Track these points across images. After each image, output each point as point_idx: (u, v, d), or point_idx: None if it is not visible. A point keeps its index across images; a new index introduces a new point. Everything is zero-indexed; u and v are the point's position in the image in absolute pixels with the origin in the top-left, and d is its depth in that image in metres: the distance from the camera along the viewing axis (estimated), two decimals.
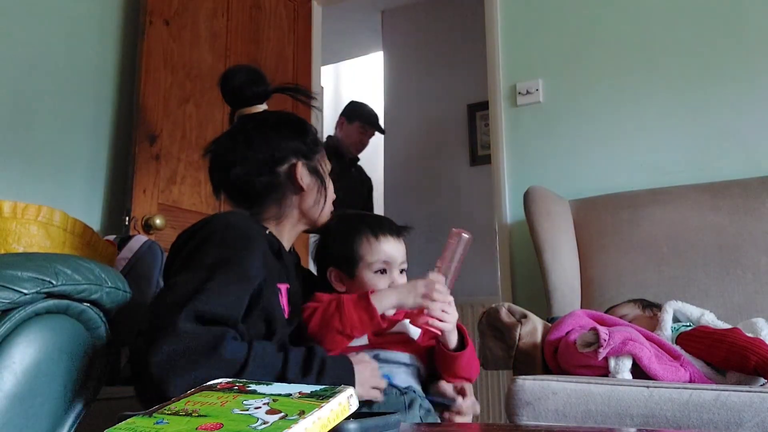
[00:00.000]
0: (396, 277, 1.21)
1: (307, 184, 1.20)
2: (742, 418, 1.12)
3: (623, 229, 1.99)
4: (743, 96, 2.14)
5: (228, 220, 1.09)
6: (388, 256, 1.20)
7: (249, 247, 1.05)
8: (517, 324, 1.55)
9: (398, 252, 1.22)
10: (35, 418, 0.74)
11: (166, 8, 2.31)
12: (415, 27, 4.08)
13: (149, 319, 0.93)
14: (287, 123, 1.24)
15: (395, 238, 1.22)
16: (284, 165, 1.19)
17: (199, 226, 1.10)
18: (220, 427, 0.54)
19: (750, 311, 1.71)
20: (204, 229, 1.08)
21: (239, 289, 0.99)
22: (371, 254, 1.20)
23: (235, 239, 1.05)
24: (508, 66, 2.52)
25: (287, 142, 1.20)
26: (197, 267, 0.99)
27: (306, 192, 1.20)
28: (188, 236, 1.10)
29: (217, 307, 0.94)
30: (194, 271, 0.98)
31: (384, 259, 1.20)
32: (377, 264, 1.20)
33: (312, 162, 1.22)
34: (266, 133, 1.21)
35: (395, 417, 0.64)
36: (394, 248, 1.21)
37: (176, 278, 0.99)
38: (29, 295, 0.73)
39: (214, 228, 1.07)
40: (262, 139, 1.20)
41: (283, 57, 2.83)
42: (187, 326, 0.89)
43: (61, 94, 2.14)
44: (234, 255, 1.01)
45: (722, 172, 2.07)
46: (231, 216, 1.12)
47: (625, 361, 1.33)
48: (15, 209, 1.15)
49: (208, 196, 2.39)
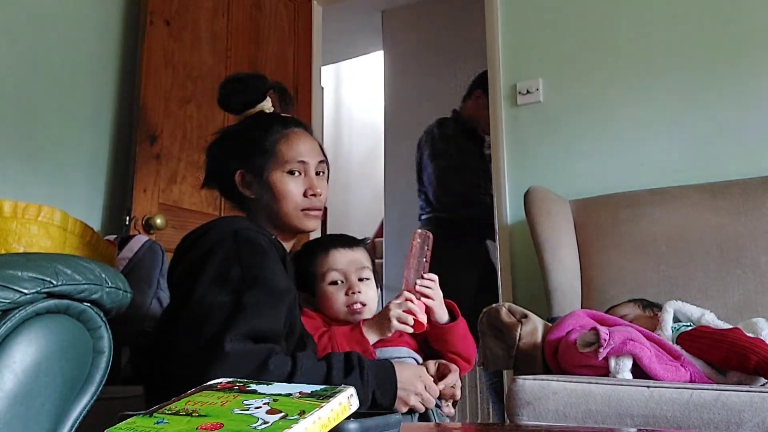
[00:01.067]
0: (354, 284, 1.25)
1: (255, 192, 1.20)
2: (743, 418, 1.12)
3: (623, 229, 1.99)
4: (743, 96, 2.13)
5: (234, 228, 1.09)
6: (341, 266, 1.26)
7: (268, 260, 1.06)
8: (517, 324, 1.55)
9: (351, 261, 1.27)
10: (36, 418, 0.74)
11: (167, 8, 2.32)
12: (416, 27, 4.08)
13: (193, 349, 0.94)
14: (238, 133, 1.25)
15: (347, 249, 1.28)
16: (234, 176, 1.21)
17: (203, 231, 1.10)
18: (220, 426, 0.54)
19: (750, 311, 1.71)
20: (209, 236, 1.08)
21: (274, 305, 1.00)
22: (322, 266, 1.27)
23: (252, 254, 1.05)
24: (508, 66, 2.52)
25: (234, 152, 1.22)
26: (227, 288, 0.99)
27: (257, 200, 1.20)
28: (192, 242, 1.10)
29: (259, 324, 0.95)
30: (225, 292, 0.98)
31: (336, 269, 1.26)
32: (330, 275, 1.26)
33: (253, 170, 1.20)
34: (224, 143, 1.25)
35: (396, 417, 0.64)
36: (345, 258, 1.27)
37: (208, 300, 0.98)
38: (29, 295, 0.73)
39: (221, 236, 1.07)
40: (226, 146, 1.24)
41: (283, 57, 2.83)
42: (236, 347, 0.91)
43: (62, 94, 2.14)
44: (260, 273, 1.02)
45: (722, 172, 2.07)
46: (235, 223, 1.12)
47: (626, 361, 1.33)
48: (15, 209, 1.15)
49: (208, 195, 2.39)
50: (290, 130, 1.24)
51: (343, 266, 1.27)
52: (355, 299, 1.24)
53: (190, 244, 1.10)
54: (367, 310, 1.26)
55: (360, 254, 1.30)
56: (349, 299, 1.25)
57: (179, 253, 1.12)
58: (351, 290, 1.25)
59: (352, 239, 1.33)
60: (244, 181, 1.21)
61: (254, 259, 1.04)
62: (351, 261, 1.28)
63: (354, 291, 1.25)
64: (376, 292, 1.29)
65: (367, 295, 1.26)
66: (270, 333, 0.96)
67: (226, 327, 0.93)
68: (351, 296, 1.25)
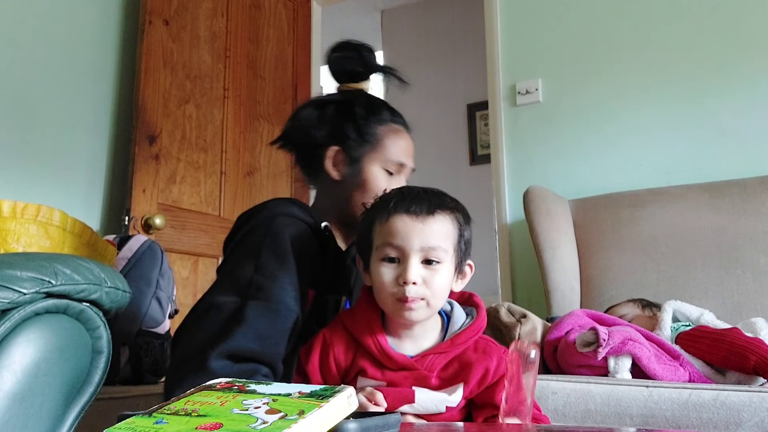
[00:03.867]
0: (408, 269, 0.89)
1: (343, 174, 1.13)
2: (742, 417, 1.12)
3: (623, 228, 1.99)
4: (742, 96, 2.13)
5: (275, 213, 1.04)
6: (398, 241, 0.90)
7: (285, 268, 0.99)
8: (516, 324, 1.55)
9: (417, 235, 0.90)
10: (35, 418, 0.74)
11: (166, 8, 2.31)
12: (415, 27, 4.08)
13: (181, 349, 0.92)
14: (342, 105, 1.15)
15: (416, 218, 0.91)
16: (328, 147, 1.13)
17: (250, 214, 1.07)
18: (219, 426, 0.54)
19: (749, 311, 1.71)
20: (253, 219, 1.05)
21: (273, 326, 0.95)
22: (378, 236, 0.94)
23: (271, 254, 0.99)
24: (508, 66, 2.52)
25: (340, 125, 1.13)
26: (231, 288, 0.97)
27: (341, 183, 1.13)
28: (242, 221, 1.07)
29: (249, 342, 0.91)
30: (232, 292, 0.96)
31: (391, 243, 0.91)
32: (383, 249, 0.92)
33: (350, 152, 1.12)
34: (324, 112, 1.15)
35: (395, 416, 0.64)
36: (409, 230, 0.90)
37: (209, 298, 0.97)
38: (29, 295, 0.73)
39: (258, 222, 1.03)
40: (326, 115, 1.14)
41: (282, 57, 2.83)
42: (217, 364, 0.88)
43: (61, 94, 2.14)
44: (270, 283, 0.96)
45: (722, 172, 2.07)
46: (280, 207, 1.06)
47: (625, 361, 1.33)
48: (14, 209, 1.15)
49: (207, 195, 2.39)
50: (398, 125, 1.17)
51: (401, 241, 0.90)
52: (405, 291, 0.89)
53: (240, 224, 1.08)
54: (425, 306, 0.91)
55: (434, 227, 0.91)
56: (398, 288, 0.90)
57: (233, 232, 1.09)
58: (403, 278, 0.89)
59: (430, 203, 0.93)
60: (335, 159, 1.13)
61: (270, 262, 0.98)
62: (416, 235, 0.90)
63: (406, 280, 0.89)
64: (449, 280, 0.93)
65: (428, 288, 0.90)
66: (259, 356, 0.92)
67: (218, 339, 0.91)
68: (402, 286, 0.89)
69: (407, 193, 0.96)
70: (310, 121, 1.15)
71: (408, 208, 0.92)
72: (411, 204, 0.92)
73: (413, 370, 0.92)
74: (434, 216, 0.92)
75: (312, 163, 1.16)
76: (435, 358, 0.93)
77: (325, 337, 0.97)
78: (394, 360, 0.92)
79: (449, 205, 0.96)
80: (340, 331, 0.97)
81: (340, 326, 0.98)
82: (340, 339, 0.96)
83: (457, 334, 0.95)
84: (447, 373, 0.93)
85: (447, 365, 0.94)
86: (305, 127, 1.15)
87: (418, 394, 0.91)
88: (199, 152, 2.38)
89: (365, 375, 0.93)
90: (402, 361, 0.92)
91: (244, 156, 2.56)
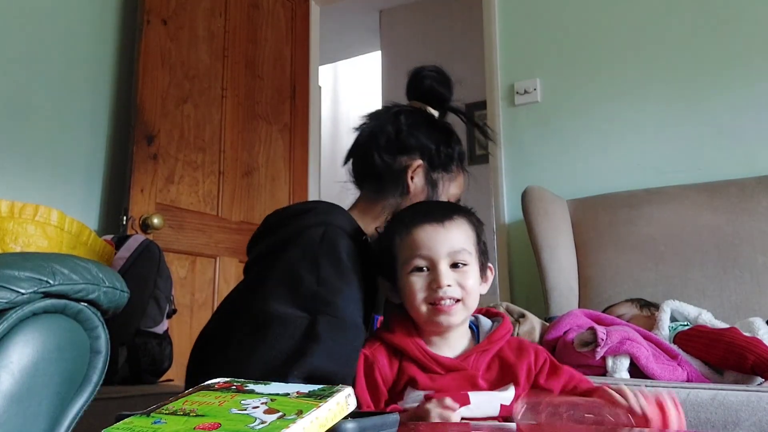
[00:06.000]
0: (441, 274, 0.94)
1: (417, 187, 1.12)
2: (740, 417, 1.12)
3: (621, 228, 1.99)
4: (740, 96, 2.14)
5: (328, 220, 1.00)
6: (424, 251, 0.95)
7: (345, 279, 0.95)
8: (515, 323, 1.55)
9: (442, 242, 0.95)
10: (33, 418, 0.73)
11: (164, 8, 2.31)
12: (413, 26, 4.08)
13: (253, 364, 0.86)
14: (435, 124, 1.17)
15: (436, 225, 0.96)
16: (405, 156, 1.13)
17: (293, 213, 1.03)
18: (217, 426, 0.54)
19: (747, 310, 1.72)
20: (302, 219, 1.01)
21: (345, 342, 0.91)
22: (403, 250, 0.98)
23: (330, 265, 0.95)
24: (506, 65, 2.52)
25: (422, 138, 1.14)
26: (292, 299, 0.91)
27: (411, 196, 1.12)
28: (280, 223, 1.04)
29: (325, 362, 0.87)
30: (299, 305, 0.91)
31: (419, 254, 0.95)
32: (412, 262, 0.96)
33: (434, 170, 1.14)
34: (412, 120, 1.16)
35: (393, 416, 0.64)
36: (432, 238, 0.95)
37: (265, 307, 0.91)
38: (26, 295, 0.73)
39: (311, 223, 0.99)
40: (405, 124, 1.14)
41: (281, 56, 2.83)
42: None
43: (59, 94, 2.14)
44: (334, 297, 0.92)
45: (719, 172, 2.07)
46: (332, 214, 1.03)
47: (623, 361, 1.33)
48: (12, 209, 1.15)
49: (205, 195, 2.39)
50: (465, 175, 1.20)
51: (427, 250, 0.95)
52: (441, 295, 0.93)
53: (276, 224, 1.04)
54: (461, 308, 0.96)
55: (455, 231, 0.97)
56: (432, 294, 0.94)
57: (263, 230, 1.06)
58: (436, 283, 0.94)
59: (444, 210, 1.00)
60: (415, 172, 1.12)
61: (331, 274, 0.94)
62: (441, 241, 0.95)
63: (440, 285, 0.93)
64: (477, 280, 0.98)
65: (461, 288, 0.95)
66: (334, 376, 0.87)
67: (295, 357, 0.86)
68: (436, 291, 0.94)
69: (419, 207, 1.03)
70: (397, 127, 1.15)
71: (426, 217, 0.98)
72: (428, 214, 0.99)
73: (461, 371, 0.95)
74: (453, 220, 0.98)
75: (388, 167, 1.13)
76: (478, 357, 0.96)
77: (366, 355, 0.96)
78: (440, 362, 0.95)
79: (462, 209, 1.02)
80: (379, 346, 0.98)
81: (378, 342, 0.99)
82: (381, 354, 0.97)
83: (492, 332, 1.00)
84: (492, 375, 0.96)
85: (489, 366, 0.97)
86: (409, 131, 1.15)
87: (473, 396, 0.92)
88: (197, 152, 2.37)
89: (415, 385, 0.94)
90: (448, 362, 0.95)
91: (242, 156, 2.56)
